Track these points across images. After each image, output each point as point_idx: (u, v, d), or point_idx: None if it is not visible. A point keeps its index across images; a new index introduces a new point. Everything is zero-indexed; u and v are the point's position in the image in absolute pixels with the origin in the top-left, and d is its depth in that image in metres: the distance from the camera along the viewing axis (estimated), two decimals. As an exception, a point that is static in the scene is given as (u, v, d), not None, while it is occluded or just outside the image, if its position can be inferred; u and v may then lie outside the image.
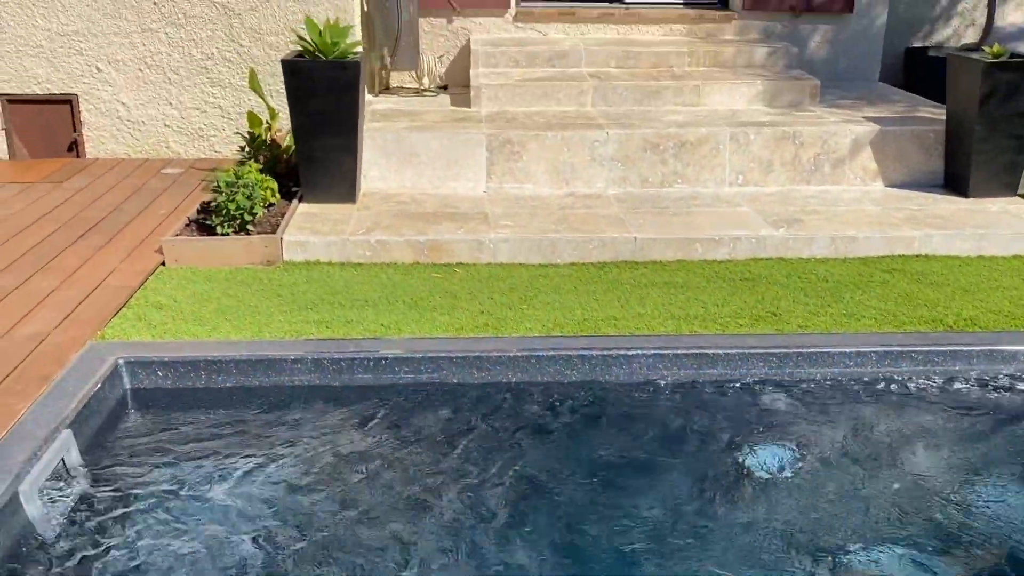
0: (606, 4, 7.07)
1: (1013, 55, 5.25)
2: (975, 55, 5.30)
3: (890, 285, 4.37)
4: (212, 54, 6.13)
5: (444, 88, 6.75)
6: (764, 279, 4.45)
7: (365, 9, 6.40)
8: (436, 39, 6.81)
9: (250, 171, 4.81)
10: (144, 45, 6.09)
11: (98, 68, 6.11)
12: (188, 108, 6.23)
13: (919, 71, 7.40)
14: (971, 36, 7.67)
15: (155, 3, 6.00)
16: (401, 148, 5.43)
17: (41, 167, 6.05)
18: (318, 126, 4.97)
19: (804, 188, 5.55)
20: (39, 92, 6.15)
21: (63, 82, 6.14)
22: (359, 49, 5.03)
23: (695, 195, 5.40)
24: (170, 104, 6.22)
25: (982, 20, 7.58)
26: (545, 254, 4.68)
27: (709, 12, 6.92)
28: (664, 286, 4.37)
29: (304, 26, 4.86)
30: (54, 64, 6.10)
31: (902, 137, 5.57)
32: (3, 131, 6.20)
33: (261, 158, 5.39)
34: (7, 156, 6.26)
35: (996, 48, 5.21)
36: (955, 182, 5.45)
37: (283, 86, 6.18)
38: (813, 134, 5.53)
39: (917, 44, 7.68)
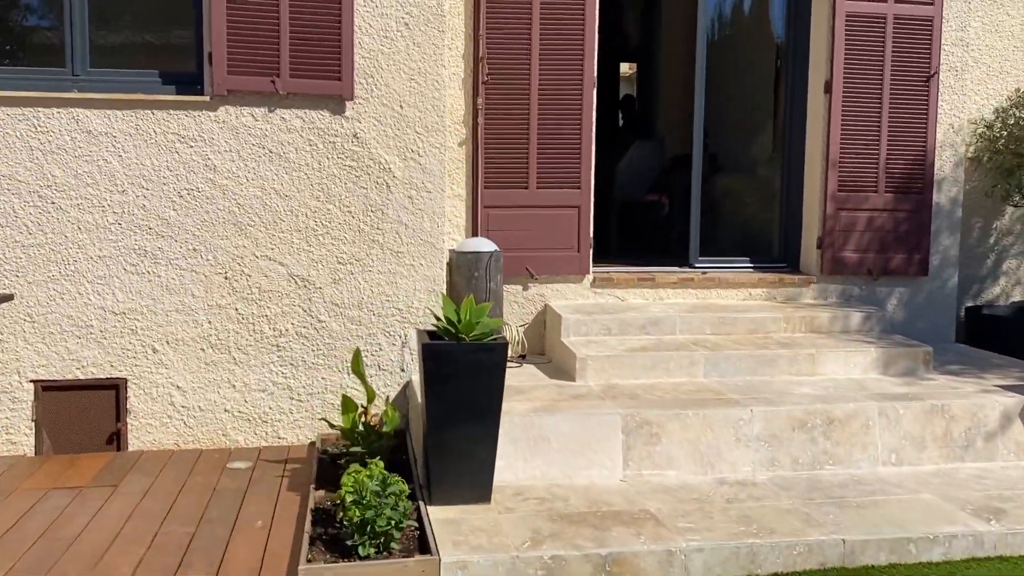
0: (680, 269, 6.85)
1: None
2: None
3: None
4: (286, 330, 5.50)
5: (522, 357, 6.24)
6: (1010, 587, 3.86)
7: (449, 279, 5.97)
8: (511, 306, 6.39)
9: (380, 472, 4.07)
10: (210, 323, 5.43)
11: (154, 349, 5.38)
12: (253, 390, 5.49)
13: (980, 329, 7.35)
14: (1019, 294, 7.74)
15: (227, 278, 5.42)
16: (528, 433, 4.79)
17: (82, 465, 5.11)
18: (456, 414, 4.33)
19: (961, 466, 5.11)
20: (81, 377, 5.33)
21: (111, 365, 5.35)
22: (502, 328, 4.51)
23: (855, 478, 4.87)
24: (233, 387, 5.47)
25: (1027, 278, 7.70)
26: (744, 563, 3.99)
27: (788, 276, 6.76)
28: (907, 602, 3.72)
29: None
30: (103, 345, 5.34)
31: (1050, 406, 5.27)
32: (32, 423, 5.29)
33: (371, 450, 4.66)
34: (32, 452, 5.31)
35: None
36: (1116, 454, 5.12)
37: (364, 365, 5.59)
38: (963, 407, 5.17)
39: (969, 303, 7.69)
